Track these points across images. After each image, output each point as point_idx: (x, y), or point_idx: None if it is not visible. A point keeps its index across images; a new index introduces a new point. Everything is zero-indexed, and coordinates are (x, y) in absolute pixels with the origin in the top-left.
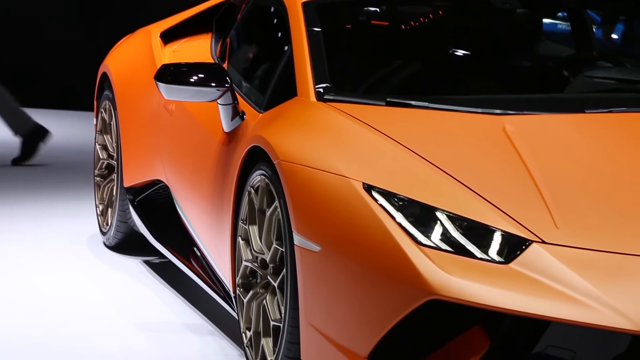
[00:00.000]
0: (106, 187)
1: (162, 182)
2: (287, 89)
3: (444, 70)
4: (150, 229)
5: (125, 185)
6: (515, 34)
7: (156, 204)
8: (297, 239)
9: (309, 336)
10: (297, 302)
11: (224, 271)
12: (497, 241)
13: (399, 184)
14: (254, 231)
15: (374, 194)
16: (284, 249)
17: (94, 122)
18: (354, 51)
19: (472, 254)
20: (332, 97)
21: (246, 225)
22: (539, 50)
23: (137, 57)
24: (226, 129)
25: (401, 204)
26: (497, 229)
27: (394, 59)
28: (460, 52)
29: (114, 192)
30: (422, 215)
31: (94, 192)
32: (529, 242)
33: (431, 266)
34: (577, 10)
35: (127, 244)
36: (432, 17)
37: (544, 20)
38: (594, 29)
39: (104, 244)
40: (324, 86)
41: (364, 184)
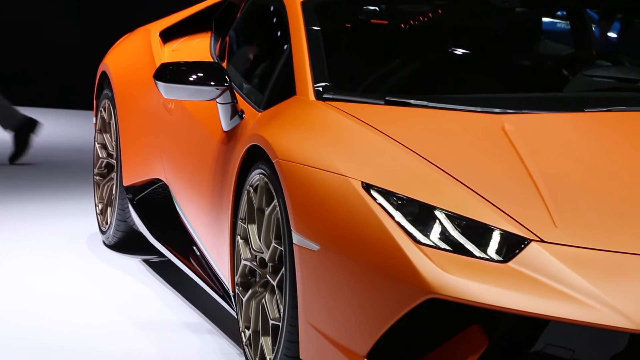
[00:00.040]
0: (105, 186)
1: (161, 181)
2: (286, 87)
3: (443, 69)
4: (149, 227)
5: (124, 184)
6: (514, 33)
7: (155, 202)
8: (296, 238)
9: (308, 335)
10: (296, 301)
11: (223, 270)
12: (495, 240)
13: (397, 183)
14: (253, 230)
15: (372, 192)
16: (283, 248)
17: (94, 121)
18: (353, 50)
19: (470, 253)
20: (331, 96)
21: (245, 224)
22: (538, 49)
23: (136, 56)
24: (225, 128)
25: (400, 202)
26: (495, 228)
27: (393, 58)
28: (459, 51)
29: (114, 191)
30: (420, 214)
31: (93, 191)
32: (527, 241)
33: (430, 265)
34: (577, 9)
35: (127, 242)
36: (431, 16)
37: (544, 19)
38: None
39: (104, 242)
40: (323, 85)
41: (362, 182)
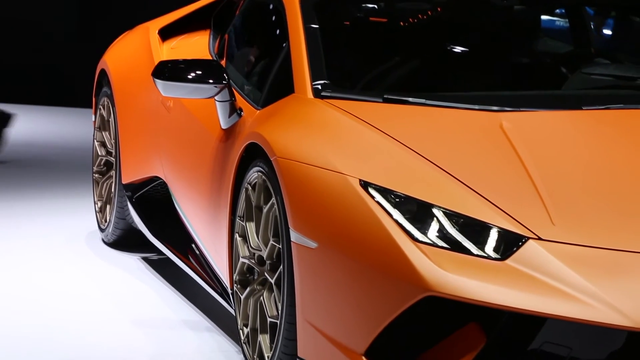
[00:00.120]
0: (104, 184)
1: (160, 178)
2: (284, 85)
3: (441, 67)
4: (148, 225)
5: (123, 182)
6: (513, 30)
7: (154, 200)
8: (294, 236)
9: (306, 333)
10: (294, 299)
11: (221, 268)
12: (493, 238)
13: (395, 181)
14: (251, 228)
15: (370, 190)
16: (281, 246)
17: (93, 119)
18: (351, 48)
19: (468, 251)
20: (329, 94)
21: (243, 221)
22: (537, 47)
23: (135, 54)
24: (224, 125)
25: (398, 200)
26: (493, 226)
27: (391, 55)
28: (458, 49)
29: (113, 189)
30: (418, 211)
31: (92, 189)
32: (525, 238)
33: (427, 263)
34: (575, 7)
35: (126, 240)
36: (430, 14)
37: (542, 17)
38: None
39: (103, 240)
40: (321, 83)
41: (360, 180)
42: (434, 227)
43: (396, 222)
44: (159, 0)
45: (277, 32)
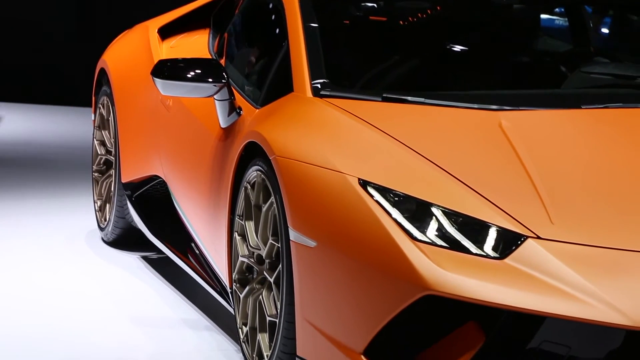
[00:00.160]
0: (104, 183)
1: (159, 177)
2: (283, 84)
3: (441, 66)
4: (147, 224)
5: (123, 180)
6: (512, 29)
7: (154, 199)
8: (293, 235)
9: (305, 332)
10: (293, 298)
11: (220, 267)
12: (492, 237)
13: (394, 180)
14: (250, 227)
15: (369, 189)
16: (280, 245)
17: (92, 118)
18: (350, 47)
19: (467, 250)
20: (328, 93)
21: (242, 220)
22: (536, 45)
23: (134, 53)
24: (223, 124)
25: (397, 199)
26: (492, 225)
27: (390, 54)
28: (457, 48)
29: (112, 188)
30: (417, 210)
31: (92, 188)
32: (524, 237)
33: (426, 262)
34: (575, 5)
35: (125, 239)
36: (429, 13)
37: (542, 16)
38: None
39: (102, 239)
40: (320, 82)
41: (359, 179)
42: (433, 226)
43: (395, 221)
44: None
45: (277, 31)
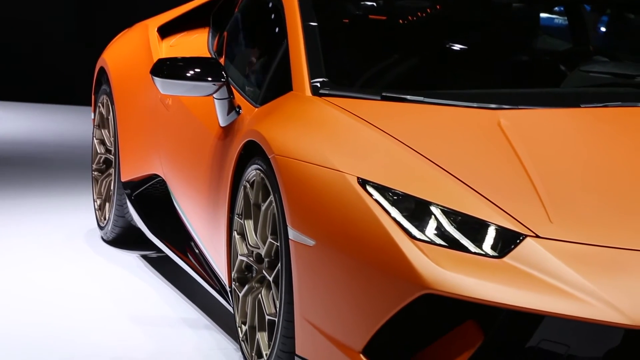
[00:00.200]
0: (104, 182)
1: (159, 176)
2: (282, 83)
3: (440, 65)
4: (147, 223)
5: (122, 179)
6: (512, 28)
7: (153, 198)
8: (292, 234)
9: (304, 330)
10: (292, 297)
11: (219, 265)
12: (491, 235)
13: (393, 179)
14: (249, 225)
15: (368, 188)
16: (279, 244)
17: (92, 117)
18: (350, 45)
19: (466, 249)
20: (327, 92)
21: (242, 219)
22: (536, 44)
23: (134, 52)
24: (222, 123)
25: (396, 198)
26: (491, 224)
27: (390, 53)
28: (456, 47)
29: (112, 187)
30: (416, 209)
31: (91, 187)
32: (523, 236)
33: (425, 260)
34: (574, 4)
35: (125, 238)
36: (429, 12)
37: (542, 14)
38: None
39: (102, 238)
40: (319, 81)
41: (358, 178)
42: (431, 225)
43: (394, 219)
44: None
45: (276, 29)
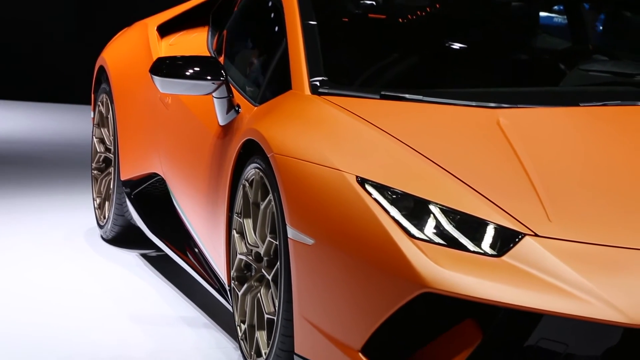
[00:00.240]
0: (103, 181)
1: (158, 175)
2: (282, 82)
3: (439, 63)
4: (146, 222)
5: (122, 178)
6: (511, 27)
7: (153, 197)
8: (291, 232)
9: (303, 329)
10: (291, 295)
11: (219, 264)
12: (490, 234)
13: (392, 177)
14: (248, 224)
15: (367, 187)
16: (278, 242)
17: (91, 116)
18: (349, 44)
19: (465, 247)
20: (326, 91)
21: (241, 218)
22: (535, 43)
23: (133, 50)
24: (221, 122)
25: (394, 197)
26: (490, 222)
27: (389, 52)
28: (456, 46)
29: (111, 185)
30: (415, 208)
31: (91, 186)
32: (521, 235)
33: (424, 259)
34: (574, 3)
35: (124, 237)
36: (428, 11)
37: (541, 13)
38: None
39: (101, 237)
40: (318, 79)
41: (357, 177)
42: (430, 224)
43: (393, 218)
44: None
45: (275, 28)
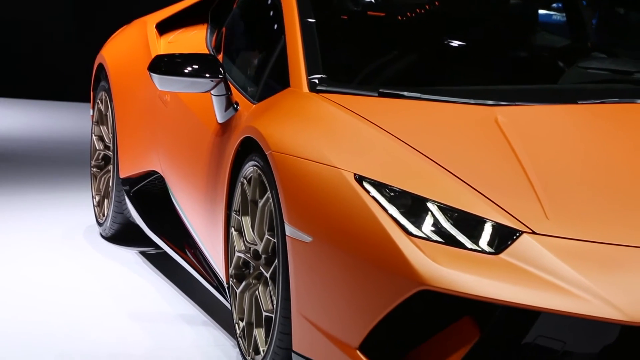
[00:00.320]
0: (102, 178)
1: (157, 173)
2: (280, 80)
3: (438, 61)
4: (145, 219)
5: (121, 176)
6: (510, 25)
7: (152, 195)
8: (289, 230)
9: (301, 327)
10: (289, 293)
11: (217, 262)
12: (487, 232)
13: (390, 175)
14: (246, 222)
15: (365, 184)
16: (276, 240)
17: (91, 113)
18: (347, 42)
19: (462, 245)
20: (324, 88)
21: (239, 216)
22: (534, 41)
23: (132, 48)
24: (220, 119)
25: (392, 194)
26: (487, 220)
27: (388, 50)
28: (454, 43)
29: (110, 183)
30: (413, 206)
31: (90, 183)
32: (519, 232)
33: (422, 257)
34: (572, 0)
35: (123, 234)
36: (427, 8)
37: (540, 11)
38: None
39: (100, 234)
40: (317, 77)
41: (355, 174)
42: (428, 222)
43: (391, 216)
44: None
45: (274, 26)
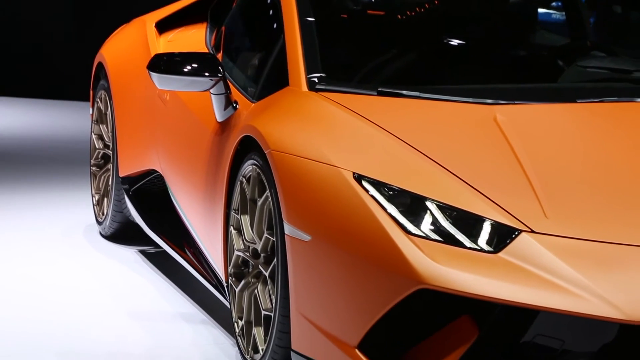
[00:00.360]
0: (102, 177)
1: (157, 171)
2: (279, 78)
3: (437, 60)
4: (145, 218)
5: (120, 174)
6: (509, 23)
7: (151, 193)
8: (288, 229)
9: (300, 325)
10: (288, 292)
11: (216, 260)
12: (486, 231)
13: (389, 174)
14: (245, 221)
15: (364, 183)
16: (275, 239)
17: (90, 112)
18: (346, 41)
19: (461, 244)
20: (323, 87)
21: (238, 214)
22: (533, 39)
23: (132, 47)
24: (219, 118)
25: (391, 193)
26: (486, 219)
27: (387, 48)
28: (454, 42)
29: (110, 182)
30: (412, 204)
31: (90, 182)
32: (518, 231)
33: (420, 256)
34: None
35: (123, 233)
36: (426, 7)
37: (539, 10)
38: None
39: (100, 233)
40: (316, 76)
41: (354, 173)
42: (427, 220)
43: (389, 215)
44: None
45: (273, 25)
